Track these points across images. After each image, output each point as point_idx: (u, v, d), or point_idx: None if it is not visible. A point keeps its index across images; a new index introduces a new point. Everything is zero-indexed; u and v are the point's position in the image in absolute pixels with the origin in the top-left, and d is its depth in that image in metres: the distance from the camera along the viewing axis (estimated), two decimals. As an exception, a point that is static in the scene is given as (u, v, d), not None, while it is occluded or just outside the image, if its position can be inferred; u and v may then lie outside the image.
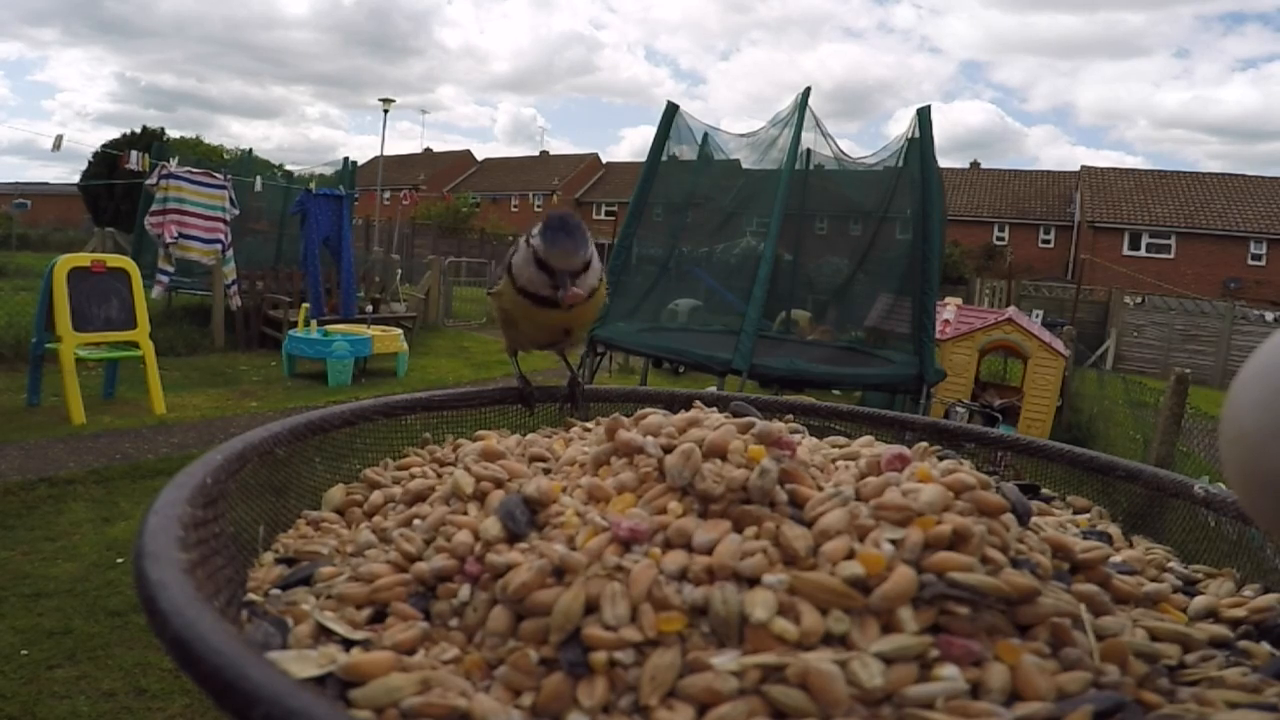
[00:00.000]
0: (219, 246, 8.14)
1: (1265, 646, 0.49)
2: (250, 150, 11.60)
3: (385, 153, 29.16)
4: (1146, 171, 27.42)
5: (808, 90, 5.26)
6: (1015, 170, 30.80)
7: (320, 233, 8.99)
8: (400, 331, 8.11)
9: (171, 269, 7.99)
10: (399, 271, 13.35)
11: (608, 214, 33.20)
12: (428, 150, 47.02)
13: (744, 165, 6.12)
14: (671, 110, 5.64)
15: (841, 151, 5.96)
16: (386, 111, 24.46)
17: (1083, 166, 27.86)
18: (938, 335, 5.93)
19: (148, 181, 8.26)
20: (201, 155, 16.94)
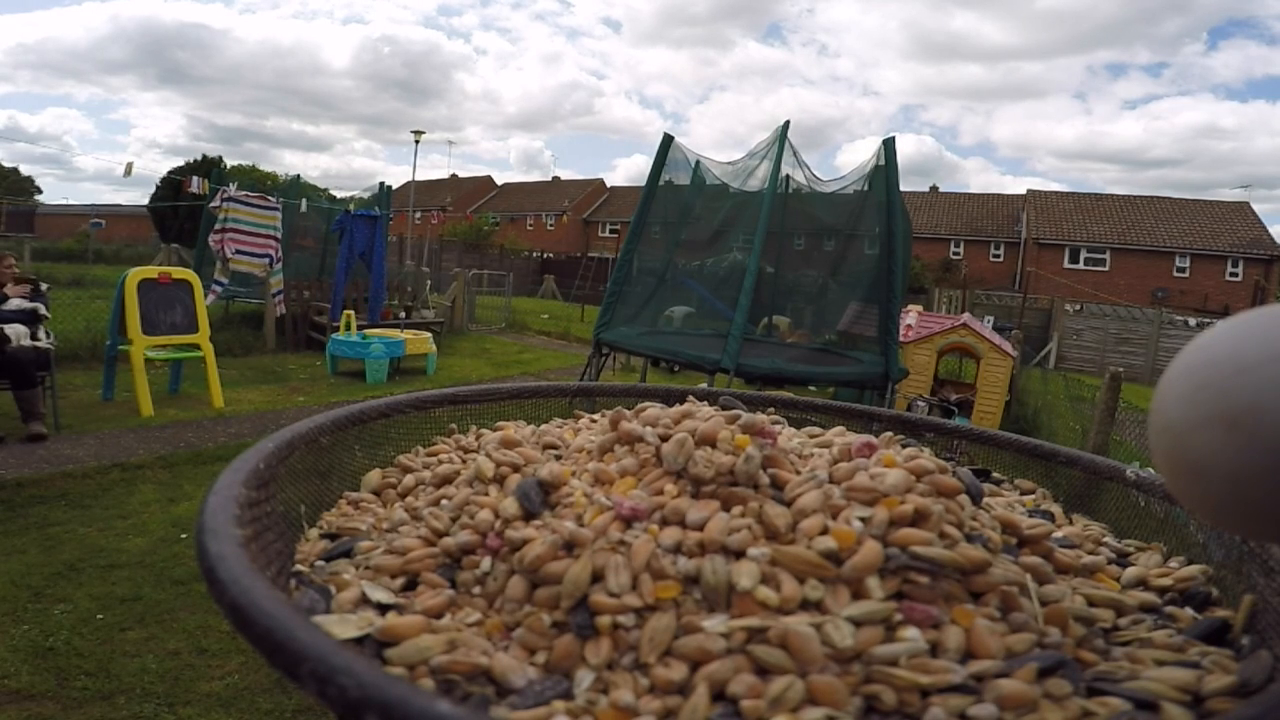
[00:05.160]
0: (268, 260, 8.13)
1: (1189, 611, 0.49)
2: (299, 176, 11.56)
3: (416, 178, 29.15)
4: (1085, 194, 27.38)
5: (787, 124, 5.26)
6: (969, 193, 30.72)
7: (357, 248, 8.99)
8: (430, 335, 8.12)
9: (226, 280, 7.99)
10: (429, 282, 13.35)
11: (611, 231, 33.26)
12: (453, 176, 47.02)
13: (730, 189, 6.11)
14: (667, 141, 5.64)
15: (815, 176, 5.95)
16: (418, 142, 24.49)
17: (1028, 190, 27.84)
18: (901, 338, 5.92)
19: (210, 204, 8.27)
20: (256, 180, 16.92)
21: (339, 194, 11.37)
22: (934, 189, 31.57)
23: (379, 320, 9.02)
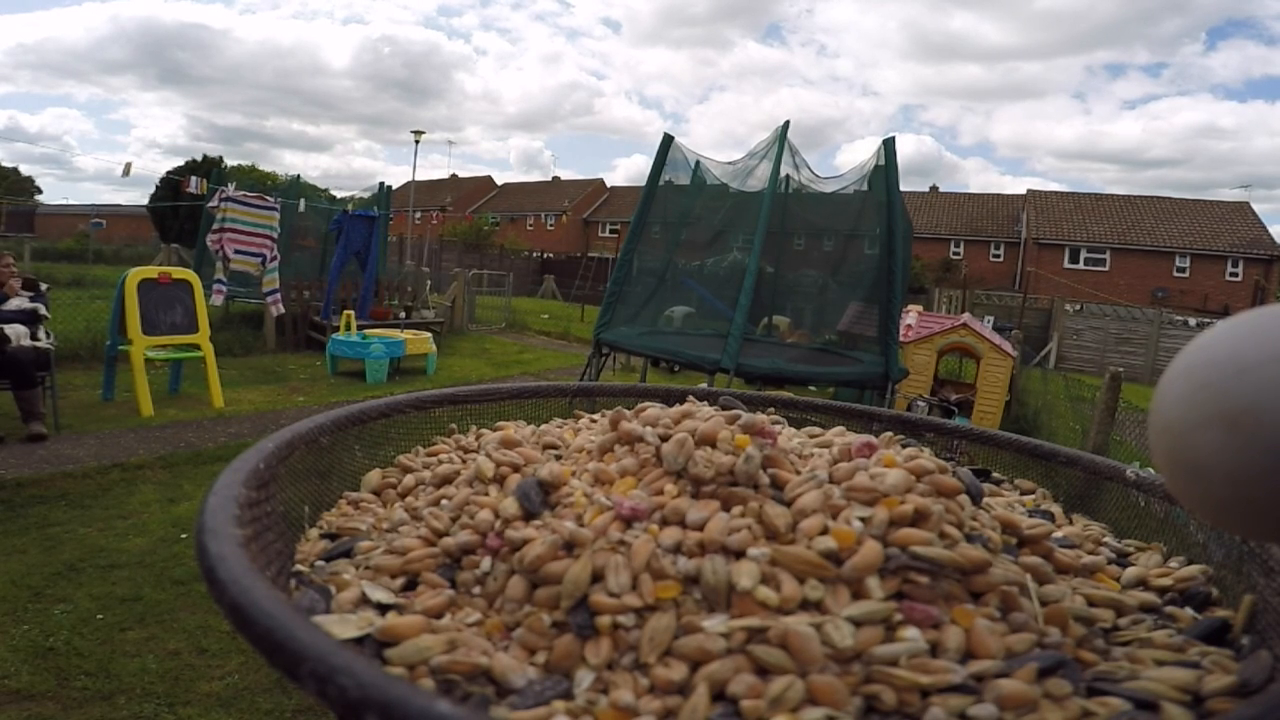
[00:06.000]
0: (260, 260, 8.11)
1: (1189, 611, 0.49)
2: (299, 176, 11.56)
3: (416, 178, 29.16)
4: (1085, 194, 27.39)
5: (787, 124, 5.26)
6: (969, 193, 30.73)
7: (352, 248, 9.00)
8: (430, 335, 8.12)
9: (227, 279, 7.99)
10: (429, 282, 13.35)
11: (611, 231, 33.26)
12: (453, 176, 46.99)
13: (730, 189, 6.12)
14: (667, 141, 5.65)
15: (815, 176, 5.96)
16: (418, 142, 24.49)
17: (1028, 190, 27.85)
18: (901, 338, 5.92)
19: (209, 204, 8.27)
20: (256, 180, 16.93)
21: (339, 194, 11.43)
22: (934, 189, 31.56)
23: (369, 319, 9.02)
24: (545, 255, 30.06)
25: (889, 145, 5.13)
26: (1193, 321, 15.54)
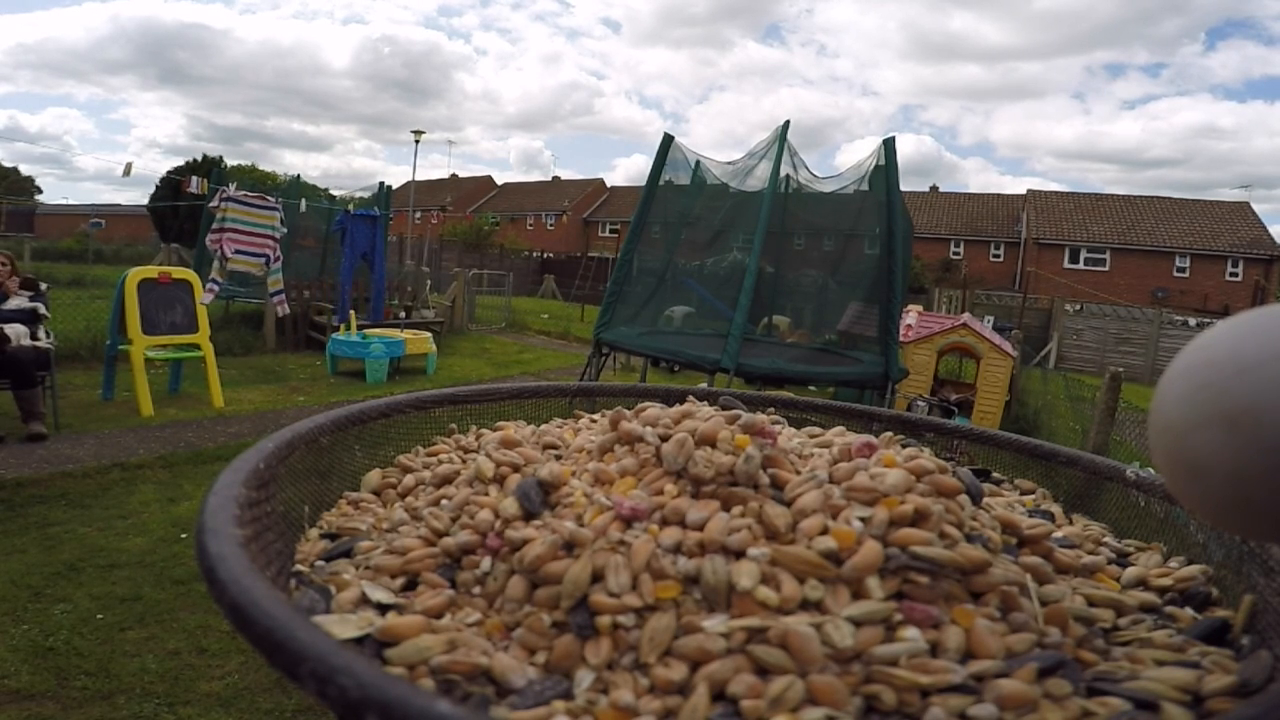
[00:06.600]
0: (264, 260, 8.09)
1: (1189, 611, 0.49)
2: (299, 176, 11.55)
3: (416, 178, 29.15)
4: (1085, 194, 27.38)
5: (787, 123, 5.26)
6: (969, 193, 30.71)
7: (359, 248, 8.99)
8: (430, 335, 8.12)
9: (222, 280, 7.97)
10: (429, 282, 13.34)
11: (611, 231, 33.25)
12: (453, 176, 46.98)
13: (730, 189, 6.12)
14: (667, 141, 5.64)
15: (815, 176, 5.96)
16: (418, 142, 24.49)
17: (1028, 190, 27.85)
18: (901, 338, 5.92)
19: (210, 204, 8.25)
20: (256, 180, 16.94)
21: (339, 194, 11.43)
22: (934, 189, 31.55)
23: (381, 320, 9.02)
24: (545, 255, 30.05)
25: (889, 145, 5.12)
26: (1193, 321, 15.53)
